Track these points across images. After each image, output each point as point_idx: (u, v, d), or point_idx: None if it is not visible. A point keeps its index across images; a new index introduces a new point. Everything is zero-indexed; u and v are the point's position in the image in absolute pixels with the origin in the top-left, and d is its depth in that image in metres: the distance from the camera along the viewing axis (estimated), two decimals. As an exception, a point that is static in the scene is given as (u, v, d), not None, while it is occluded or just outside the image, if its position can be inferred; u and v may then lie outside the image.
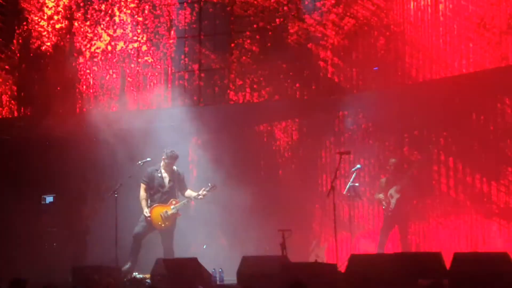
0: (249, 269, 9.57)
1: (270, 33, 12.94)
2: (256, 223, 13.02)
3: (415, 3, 11.87)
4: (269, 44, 12.94)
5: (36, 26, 14.01)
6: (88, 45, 13.85)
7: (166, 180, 11.39)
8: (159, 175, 11.32)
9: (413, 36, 11.87)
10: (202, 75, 13.34)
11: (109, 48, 13.76)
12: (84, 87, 13.89)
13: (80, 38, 13.88)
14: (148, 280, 10.27)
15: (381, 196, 11.80)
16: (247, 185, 13.21)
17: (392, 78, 12.13)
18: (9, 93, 14.19)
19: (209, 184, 11.40)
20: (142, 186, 11.39)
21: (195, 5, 13.49)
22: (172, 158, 11.35)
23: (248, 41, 13.04)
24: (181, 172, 11.57)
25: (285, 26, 12.86)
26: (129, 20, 13.71)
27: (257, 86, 13.02)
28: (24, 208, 13.49)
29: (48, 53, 13.97)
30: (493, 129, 11.68)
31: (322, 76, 12.63)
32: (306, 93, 12.78)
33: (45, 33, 13.98)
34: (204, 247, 12.92)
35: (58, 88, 13.90)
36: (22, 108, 14.18)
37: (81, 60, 13.89)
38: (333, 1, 12.53)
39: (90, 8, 13.86)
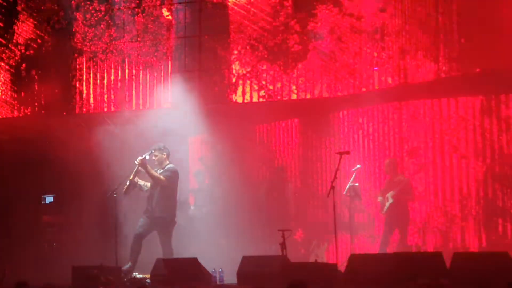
0: (249, 269, 9.57)
1: (270, 33, 12.94)
2: (256, 223, 13.03)
3: (415, 3, 11.86)
4: (269, 44, 12.94)
5: (36, 26, 14.01)
6: (88, 45, 13.84)
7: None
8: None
9: (413, 36, 11.87)
10: (202, 75, 13.34)
11: (109, 48, 13.75)
12: (84, 87, 13.89)
13: (80, 38, 13.87)
14: (148, 280, 10.26)
15: (379, 198, 11.82)
16: (246, 185, 13.22)
17: (392, 78, 12.12)
18: (9, 93, 14.19)
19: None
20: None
21: (195, 5, 13.49)
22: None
23: (248, 41, 13.04)
24: (167, 167, 11.30)
25: (285, 26, 12.86)
26: (129, 20, 13.71)
27: (257, 86, 13.02)
28: (24, 208, 13.49)
29: (48, 53, 13.96)
30: (494, 129, 11.68)
31: (322, 76, 12.63)
32: (306, 93, 12.77)
33: (45, 33, 13.98)
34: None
35: (58, 88, 13.89)
36: (22, 108, 14.18)
37: (81, 60, 13.89)
38: (332, 1, 12.53)
39: (90, 8, 13.85)
